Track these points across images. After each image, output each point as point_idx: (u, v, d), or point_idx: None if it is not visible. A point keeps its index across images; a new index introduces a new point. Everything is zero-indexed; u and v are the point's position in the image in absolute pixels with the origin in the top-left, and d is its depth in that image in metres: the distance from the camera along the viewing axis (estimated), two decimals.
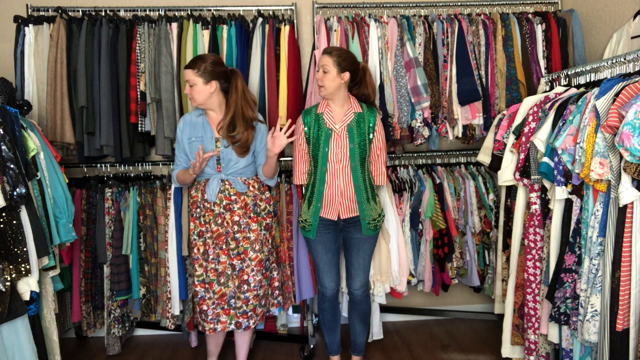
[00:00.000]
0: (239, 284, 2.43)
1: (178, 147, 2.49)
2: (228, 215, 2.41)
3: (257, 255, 2.44)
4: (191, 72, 2.35)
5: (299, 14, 3.30)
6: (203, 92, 2.38)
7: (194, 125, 2.45)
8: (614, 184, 1.83)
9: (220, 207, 2.41)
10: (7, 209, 2.04)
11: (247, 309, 2.44)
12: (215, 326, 2.43)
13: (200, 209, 2.44)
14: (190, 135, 2.43)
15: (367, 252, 2.49)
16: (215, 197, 2.40)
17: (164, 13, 2.97)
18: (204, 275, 2.43)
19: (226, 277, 2.43)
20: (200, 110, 2.48)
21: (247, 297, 2.43)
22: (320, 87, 2.38)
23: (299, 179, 2.51)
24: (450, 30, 2.99)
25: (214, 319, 2.43)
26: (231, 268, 2.43)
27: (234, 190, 2.42)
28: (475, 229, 3.05)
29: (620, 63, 2.09)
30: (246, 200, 2.44)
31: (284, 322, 3.29)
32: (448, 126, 3.02)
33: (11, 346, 2.08)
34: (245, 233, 2.43)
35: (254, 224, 2.44)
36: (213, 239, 2.42)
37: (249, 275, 2.43)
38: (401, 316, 3.48)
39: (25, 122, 2.33)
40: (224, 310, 2.43)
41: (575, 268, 2.02)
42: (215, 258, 2.43)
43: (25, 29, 2.86)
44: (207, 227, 2.43)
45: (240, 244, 2.42)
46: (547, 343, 2.27)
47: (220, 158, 2.41)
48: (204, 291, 2.43)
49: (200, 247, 2.44)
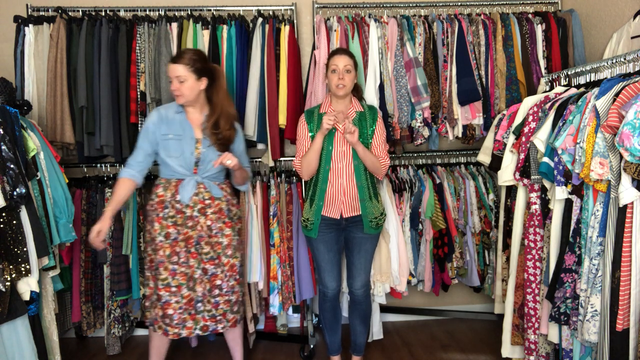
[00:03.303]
0: (210, 288, 2.32)
1: (144, 137, 2.32)
2: (202, 219, 2.31)
3: (229, 260, 2.36)
4: (183, 67, 2.23)
5: (299, 14, 3.30)
6: (194, 88, 2.27)
7: (171, 121, 2.32)
8: (614, 184, 1.83)
9: (194, 210, 2.30)
10: (7, 209, 2.04)
11: (216, 313, 2.34)
12: (180, 331, 2.30)
13: (169, 209, 2.30)
14: (167, 131, 2.30)
15: (369, 252, 2.49)
16: (190, 199, 2.30)
17: (164, 13, 2.97)
18: (169, 279, 2.28)
19: (194, 282, 2.31)
20: (179, 107, 2.35)
21: (217, 302, 2.33)
22: (343, 86, 2.39)
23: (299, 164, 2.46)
24: (450, 30, 2.99)
25: (180, 323, 2.30)
26: (202, 272, 2.31)
27: (208, 194, 2.33)
28: (475, 229, 3.05)
29: (620, 63, 2.09)
30: (220, 205, 2.35)
31: (284, 322, 3.30)
32: (448, 126, 3.02)
33: (11, 346, 2.08)
34: (218, 238, 2.33)
35: (227, 229, 2.36)
36: (184, 241, 2.30)
37: (222, 280, 2.33)
38: (401, 316, 3.48)
39: (25, 122, 2.33)
40: (190, 315, 2.31)
41: (575, 268, 2.02)
42: (185, 262, 2.30)
43: (25, 29, 2.86)
44: (177, 230, 2.29)
45: (214, 249, 2.33)
46: (547, 343, 2.27)
47: (199, 160, 2.31)
48: (168, 295, 2.28)
49: (166, 250, 2.29)
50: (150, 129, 2.32)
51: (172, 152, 2.29)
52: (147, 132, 2.32)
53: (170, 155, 2.29)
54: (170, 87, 2.29)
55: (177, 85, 2.25)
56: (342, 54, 2.42)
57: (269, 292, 2.89)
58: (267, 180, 3.02)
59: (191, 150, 2.30)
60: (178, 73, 2.23)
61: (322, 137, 2.34)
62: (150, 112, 2.34)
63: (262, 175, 3.12)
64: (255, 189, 2.93)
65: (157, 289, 2.30)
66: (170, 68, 2.26)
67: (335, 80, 2.38)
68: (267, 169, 3.20)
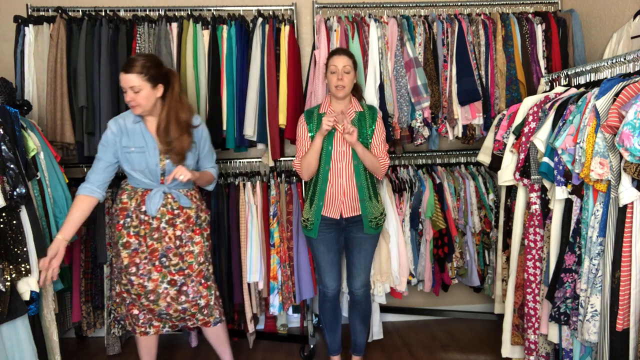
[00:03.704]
0: (176, 296, 2.24)
1: (105, 150, 2.19)
2: (171, 230, 2.22)
3: (200, 268, 2.29)
4: (136, 77, 2.08)
5: (299, 14, 3.30)
6: (151, 97, 2.14)
7: (131, 132, 2.20)
8: (614, 184, 1.83)
9: (162, 221, 2.22)
10: (7, 209, 2.04)
11: (185, 315, 2.28)
12: (147, 329, 2.28)
13: (131, 219, 2.21)
14: (128, 144, 2.18)
15: (369, 252, 2.49)
16: (157, 211, 2.20)
17: (164, 13, 2.97)
18: (129, 285, 2.23)
19: (157, 296, 2.21)
20: (137, 117, 2.21)
21: (184, 308, 2.26)
22: (342, 87, 2.37)
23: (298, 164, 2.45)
24: (450, 30, 2.99)
25: (146, 322, 2.28)
26: (169, 285, 2.22)
27: (177, 204, 2.24)
28: (475, 229, 3.05)
29: (620, 63, 2.09)
30: (189, 214, 2.27)
31: (284, 322, 3.30)
32: (448, 126, 3.02)
33: (11, 346, 2.08)
34: (189, 247, 2.26)
35: (197, 237, 2.28)
36: (146, 254, 2.21)
37: (188, 287, 2.25)
38: (401, 316, 3.48)
39: (25, 122, 2.33)
40: (155, 318, 2.29)
41: (575, 268, 2.02)
42: (145, 274, 2.21)
43: (25, 29, 2.86)
44: (139, 241, 2.21)
45: (185, 259, 2.24)
46: (547, 343, 2.27)
47: (165, 171, 2.21)
48: (131, 298, 2.25)
49: (124, 259, 2.21)
50: (111, 139, 2.19)
51: (137, 165, 2.19)
52: (107, 143, 2.20)
53: (134, 169, 2.20)
54: (125, 99, 2.16)
55: (132, 95, 2.11)
56: (342, 54, 2.41)
57: (269, 292, 2.89)
58: (267, 180, 3.02)
59: (155, 161, 2.19)
60: (132, 83, 2.09)
61: (321, 138, 2.34)
62: (108, 122, 2.24)
63: (262, 175, 3.12)
64: (255, 189, 2.93)
65: (121, 291, 2.27)
66: (123, 78, 2.11)
67: (335, 81, 2.38)
68: (267, 169, 3.20)
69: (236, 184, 2.95)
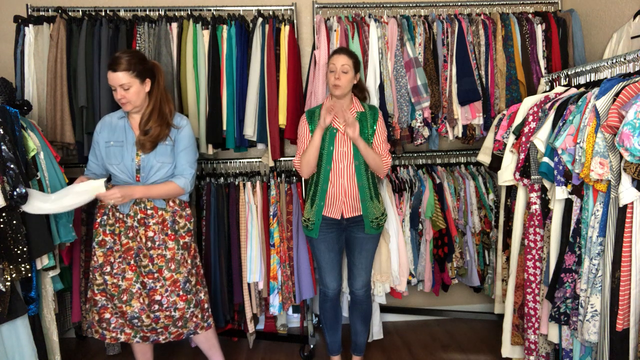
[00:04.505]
0: (150, 303, 2.20)
1: (92, 151, 2.28)
2: (142, 230, 2.20)
3: (172, 275, 2.20)
4: (124, 74, 2.11)
5: (299, 14, 3.30)
6: (140, 93, 2.17)
7: (114, 128, 2.23)
8: (614, 184, 1.83)
9: (134, 220, 2.20)
10: (7, 209, 2.04)
11: (157, 326, 2.23)
12: (118, 335, 2.24)
13: (108, 217, 2.22)
14: (109, 138, 2.21)
15: (370, 252, 2.49)
16: (129, 208, 2.19)
17: (164, 13, 2.97)
18: (104, 285, 2.21)
19: (130, 295, 2.19)
20: (122, 113, 2.26)
21: (157, 316, 2.21)
22: (337, 86, 2.36)
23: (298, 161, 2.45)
24: (450, 30, 2.99)
25: (117, 327, 2.24)
26: (141, 286, 2.20)
27: (151, 205, 2.21)
28: (475, 229, 3.05)
29: (620, 63, 2.09)
30: (164, 216, 2.22)
31: (284, 322, 3.30)
32: (448, 126, 3.02)
33: (11, 346, 2.08)
34: (161, 250, 2.20)
35: (170, 242, 2.22)
36: (121, 252, 2.20)
37: (162, 296, 2.19)
38: (401, 316, 3.48)
39: (25, 122, 2.33)
40: (127, 324, 2.24)
41: (575, 268, 2.02)
42: (119, 273, 2.19)
43: (25, 29, 2.86)
44: (114, 239, 2.20)
45: (155, 262, 2.19)
46: (547, 343, 2.27)
47: (140, 167, 2.19)
48: (105, 300, 2.21)
49: (99, 258, 2.20)
50: (95, 138, 2.26)
51: (113, 159, 2.19)
52: (94, 145, 2.27)
53: (110, 163, 2.20)
54: (115, 97, 2.18)
55: (123, 93, 2.13)
56: (341, 53, 2.41)
57: (269, 292, 2.89)
58: (267, 180, 3.02)
59: (132, 156, 2.19)
60: (121, 81, 2.11)
61: (321, 133, 2.33)
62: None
63: (262, 175, 3.12)
64: (255, 189, 2.93)
65: (93, 294, 2.24)
66: (111, 77, 2.13)
67: (332, 80, 2.38)
68: (267, 169, 3.20)
69: (236, 184, 2.95)
